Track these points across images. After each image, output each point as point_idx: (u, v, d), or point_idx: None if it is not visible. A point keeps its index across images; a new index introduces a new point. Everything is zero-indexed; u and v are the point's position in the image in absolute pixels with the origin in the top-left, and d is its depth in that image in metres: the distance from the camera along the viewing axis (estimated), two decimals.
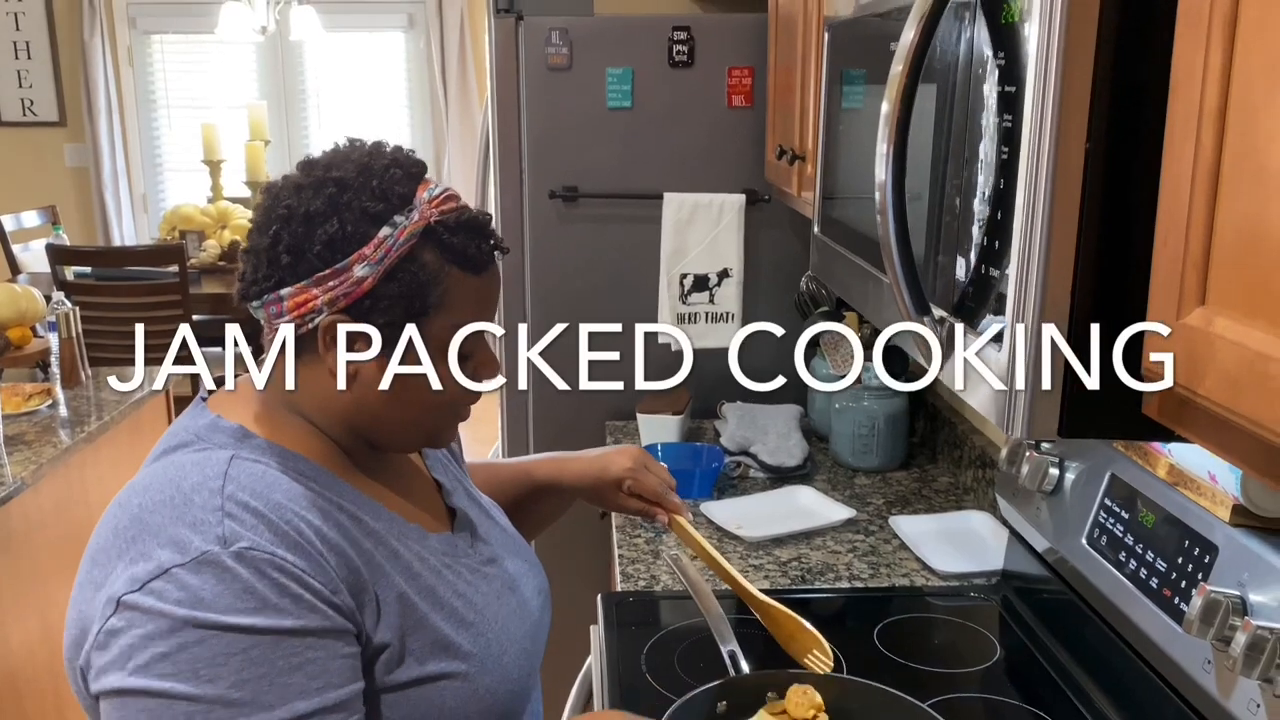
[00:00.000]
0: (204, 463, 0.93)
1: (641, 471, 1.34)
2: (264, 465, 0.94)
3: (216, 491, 0.90)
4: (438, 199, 0.97)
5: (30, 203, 5.51)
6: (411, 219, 0.95)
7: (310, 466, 0.98)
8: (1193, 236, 0.64)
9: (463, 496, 1.17)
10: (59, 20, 5.75)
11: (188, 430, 0.99)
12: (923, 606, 1.63)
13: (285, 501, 0.92)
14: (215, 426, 0.98)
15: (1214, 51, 0.62)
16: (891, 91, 0.89)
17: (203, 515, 0.88)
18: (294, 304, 0.95)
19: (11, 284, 3.04)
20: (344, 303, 0.94)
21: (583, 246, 2.44)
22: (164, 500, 0.90)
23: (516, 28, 2.35)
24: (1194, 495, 1.15)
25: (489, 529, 1.16)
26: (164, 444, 1.00)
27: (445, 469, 1.20)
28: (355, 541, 0.95)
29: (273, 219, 0.96)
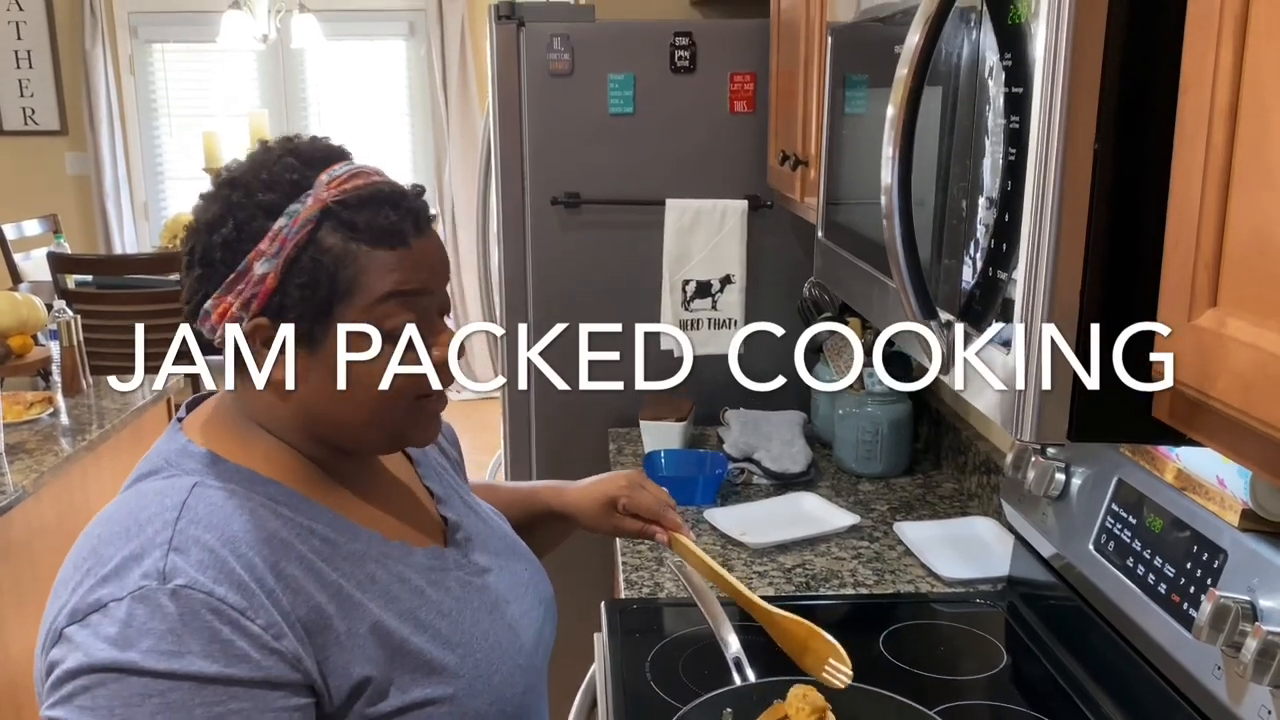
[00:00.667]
0: (166, 491, 0.91)
1: (636, 490, 1.31)
2: (227, 493, 0.91)
3: (169, 523, 0.87)
4: (339, 179, 0.93)
5: (32, 211, 5.51)
6: (306, 204, 0.91)
7: (281, 490, 0.95)
8: (1204, 238, 0.64)
9: (458, 505, 1.13)
10: (60, 29, 5.76)
11: (160, 455, 0.96)
12: (928, 613, 1.62)
13: (242, 534, 0.88)
14: (185, 452, 0.95)
15: (1225, 51, 0.61)
16: (897, 95, 0.88)
17: (149, 548, 0.85)
18: (218, 316, 0.92)
19: (13, 292, 3.04)
20: (257, 305, 0.91)
21: (585, 253, 2.43)
22: (120, 531, 0.88)
23: (518, 34, 2.35)
24: (1202, 500, 1.14)
25: (487, 537, 1.12)
26: (138, 469, 0.97)
27: (440, 477, 1.16)
28: (320, 575, 0.91)
29: (187, 237, 0.95)
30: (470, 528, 1.11)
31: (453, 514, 1.10)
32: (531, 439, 2.54)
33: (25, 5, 5.72)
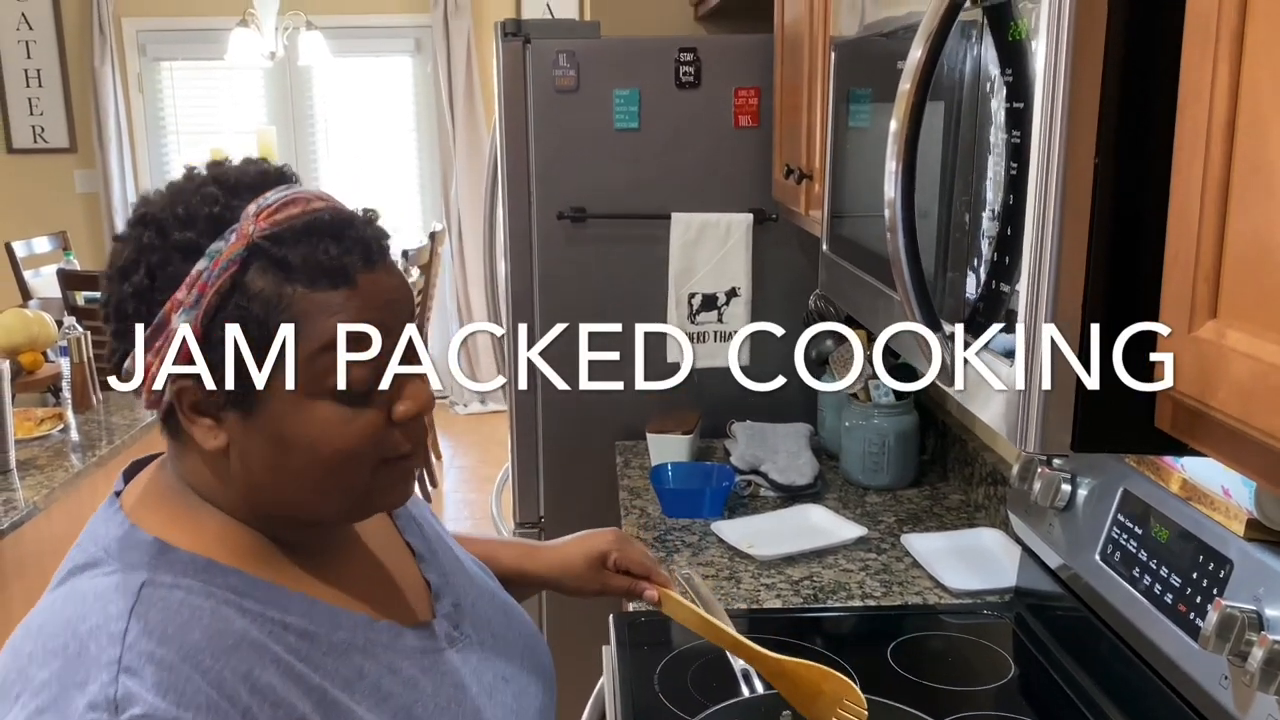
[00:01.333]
0: (108, 595, 0.76)
1: (626, 544, 1.23)
2: (183, 591, 0.77)
3: (117, 638, 0.73)
4: (269, 209, 0.78)
5: (41, 228, 5.56)
6: (229, 241, 0.76)
7: (245, 580, 0.81)
8: (1203, 250, 0.65)
9: (443, 563, 1.00)
10: (70, 48, 5.81)
11: (97, 543, 0.81)
12: (936, 624, 1.62)
13: (205, 643, 0.75)
14: (130, 540, 0.80)
15: (1222, 66, 0.62)
16: (900, 109, 0.89)
17: (95, 671, 0.71)
18: (144, 377, 0.79)
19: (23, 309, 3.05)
20: (182, 363, 0.77)
21: (591, 267, 2.44)
22: (56, 648, 0.73)
23: (524, 51, 2.37)
24: (1207, 510, 1.14)
25: (475, 600, 1.00)
26: (71, 560, 0.82)
27: (419, 528, 1.02)
28: (301, 679, 0.78)
29: (104, 285, 0.81)
30: (459, 591, 0.98)
31: (436, 575, 0.98)
32: (538, 452, 2.54)
33: (35, 24, 5.77)
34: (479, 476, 4.99)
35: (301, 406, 0.79)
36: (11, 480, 2.35)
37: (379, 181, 5.92)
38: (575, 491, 2.55)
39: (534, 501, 2.57)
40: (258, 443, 0.80)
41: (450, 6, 5.70)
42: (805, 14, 1.86)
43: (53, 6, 5.76)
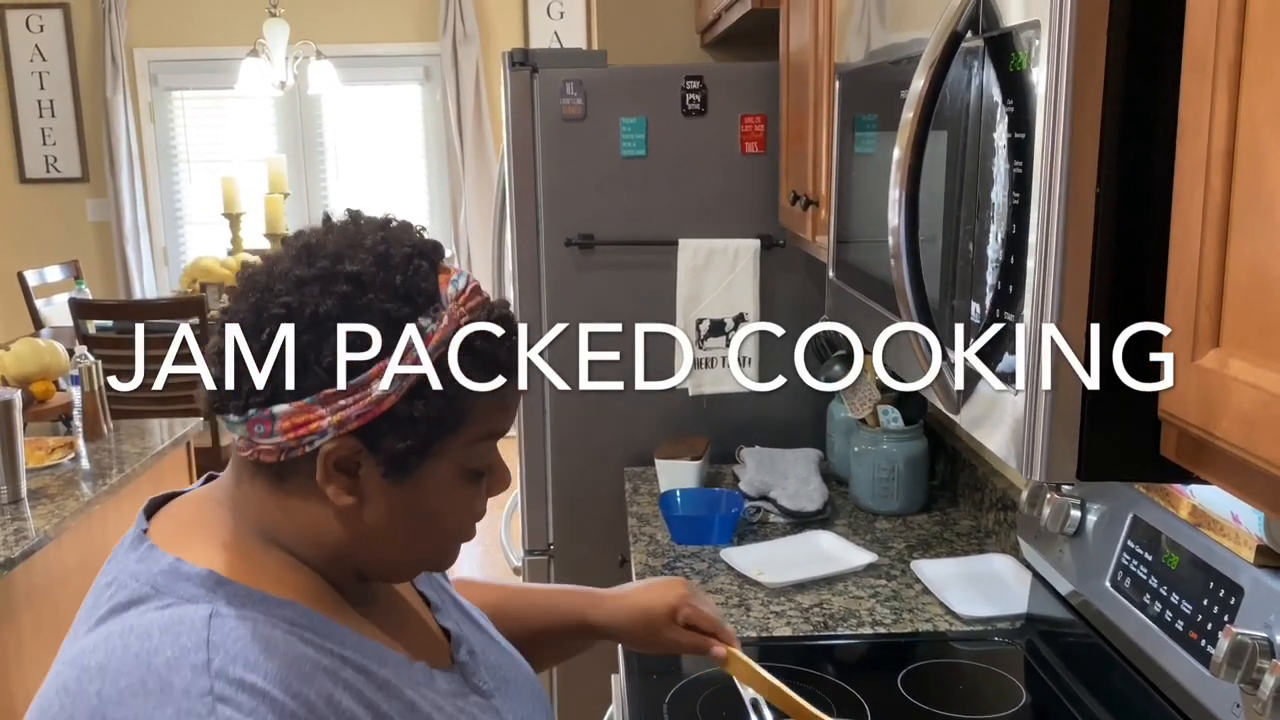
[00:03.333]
0: (176, 628, 0.74)
1: (697, 598, 1.17)
2: (251, 621, 0.77)
3: (202, 669, 0.72)
4: (464, 294, 0.83)
5: (53, 257, 5.60)
6: (440, 321, 0.80)
7: (302, 614, 0.81)
8: (1205, 279, 0.65)
9: (452, 610, 1.03)
10: (82, 79, 5.87)
11: (139, 579, 0.79)
12: (947, 651, 1.61)
13: (288, 667, 0.75)
14: (177, 573, 0.79)
15: (1220, 97, 0.63)
16: (903, 138, 0.90)
17: (188, 703, 0.70)
18: (290, 424, 0.78)
19: (35, 338, 3.07)
20: (355, 424, 0.78)
21: (599, 293, 2.45)
22: (133, 686, 0.71)
23: (532, 80, 2.38)
24: (1217, 536, 1.14)
25: (486, 648, 1.02)
26: (110, 598, 0.79)
27: (429, 580, 1.04)
28: (371, 705, 0.80)
29: (265, 318, 0.79)
30: (470, 640, 1.00)
31: (452, 624, 1.00)
32: (547, 479, 2.54)
33: (48, 56, 5.84)
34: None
35: (448, 481, 0.84)
36: (23, 509, 2.35)
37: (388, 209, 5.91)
38: (584, 518, 2.54)
39: (543, 528, 2.57)
40: (393, 508, 0.83)
41: (459, 35, 5.75)
42: (810, 42, 1.87)
43: (66, 38, 5.83)
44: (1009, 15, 0.82)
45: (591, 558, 2.54)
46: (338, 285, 0.79)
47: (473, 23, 5.75)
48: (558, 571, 2.57)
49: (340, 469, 0.81)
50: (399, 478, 0.81)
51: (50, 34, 5.82)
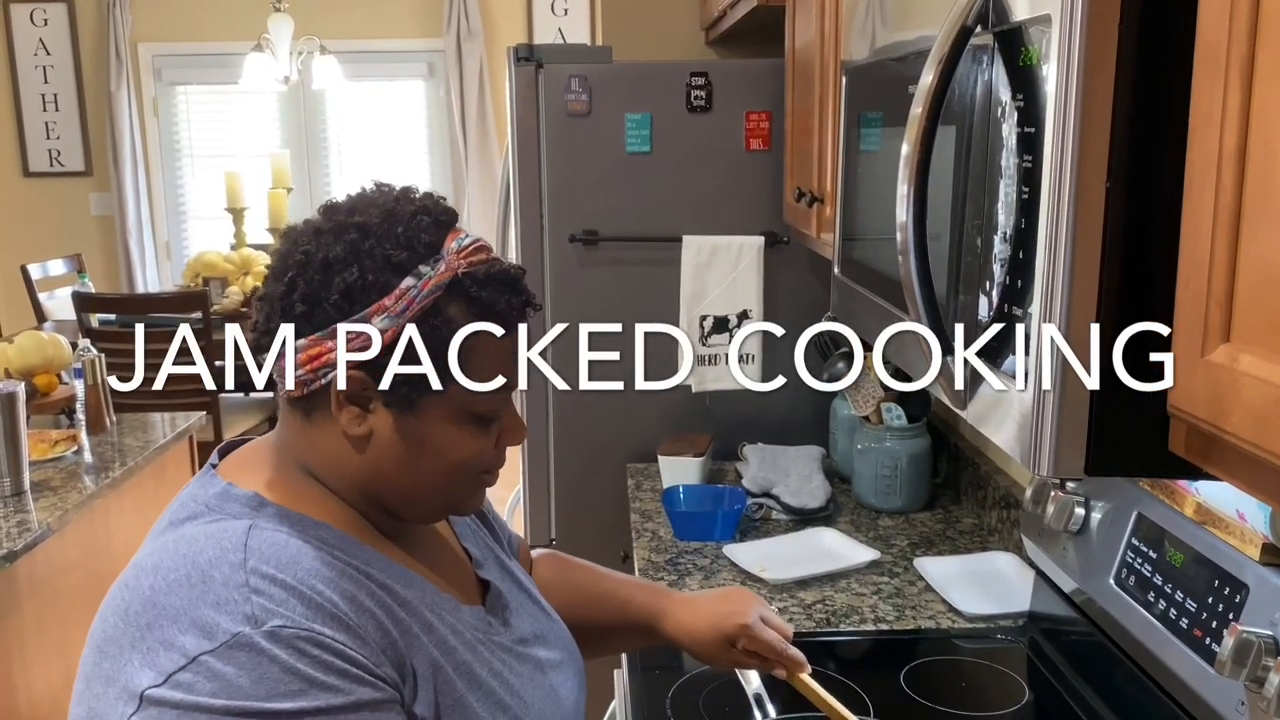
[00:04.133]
0: (219, 535, 0.86)
1: (759, 626, 1.19)
2: (285, 534, 0.87)
3: (239, 565, 0.82)
4: (467, 249, 0.91)
5: (56, 251, 5.60)
6: (438, 269, 0.89)
7: (333, 534, 0.91)
8: (1215, 275, 0.65)
9: (495, 568, 1.09)
10: (86, 73, 5.87)
11: (197, 501, 0.91)
12: (949, 649, 1.61)
13: (314, 571, 0.85)
14: (227, 495, 0.90)
15: (1232, 93, 0.63)
16: (911, 133, 0.90)
17: (226, 593, 0.80)
18: (307, 356, 0.88)
19: (38, 331, 3.08)
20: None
21: (603, 290, 2.45)
22: (180, 579, 0.82)
23: (537, 75, 2.38)
24: (1223, 534, 1.14)
25: (522, 605, 1.08)
26: (170, 516, 0.92)
27: (475, 537, 1.12)
28: (390, 610, 0.88)
29: (289, 264, 0.90)
30: (508, 594, 1.07)
31: (492, 578, 1.07)
32: (550, 475, 2.55)
33: (52, 49, 5.84)
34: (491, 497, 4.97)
35: (448, 420, 0.91)
36: (26, 501, 2.36)
37: None
38: (587, 514, 2.55)
39: (545, 523, 2.57)
40: (400, 439, 0.91)
41: (463, 31, 5.75)
42: (816, 39, 1.87)
43: (70, 31, 5.82)
44: (1019, 9, 0.82)
45: (594, 553, 2.51)
46: (348, 234, 0.89)
47: (477, 19, 5.75)
48: None
49: (351, 400, 0.89)
50: (403, 409, 0.90)
51: (54, 28, 5.82)
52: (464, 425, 0.92)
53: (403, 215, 0.91)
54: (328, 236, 0.90)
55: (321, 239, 0.90)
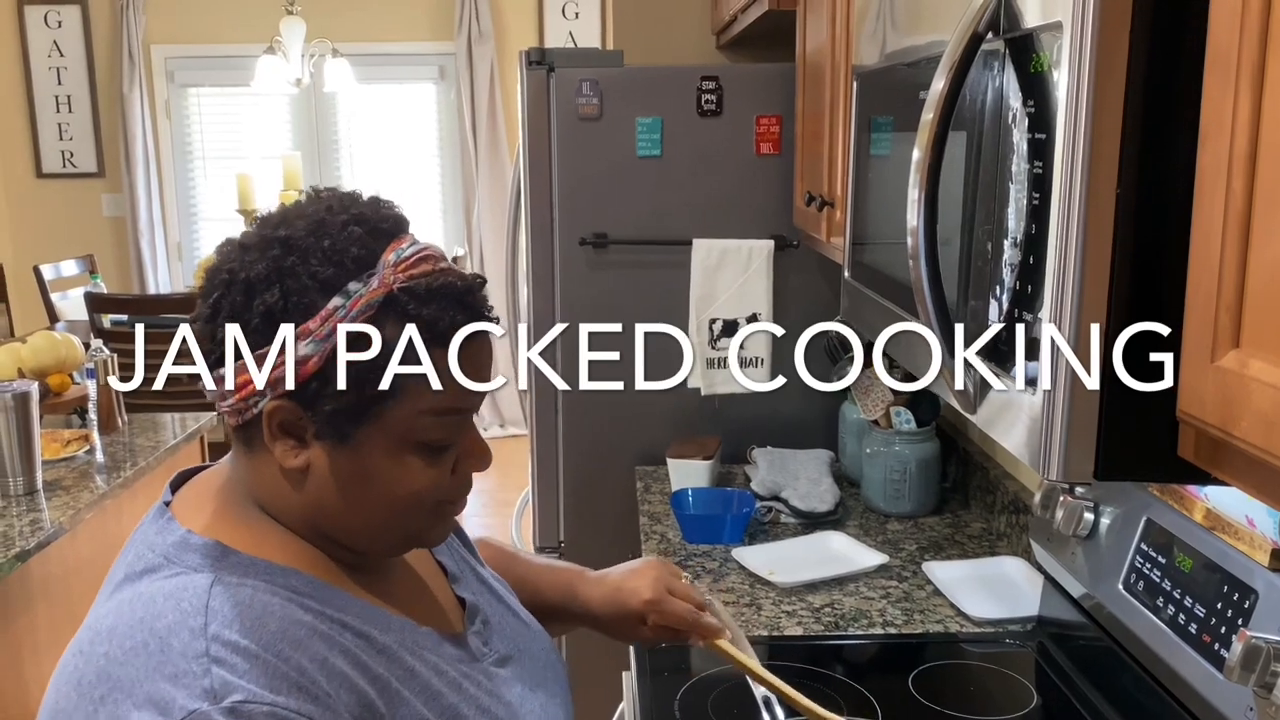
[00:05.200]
0: (179, 594, 0.78)
1: (665, 600, 1.14)
2: (251, 589, 0.80)
3: (199, 632, 0.76)
4: (407, 261, 0.82)
5: (69, 252, 5.63)
6: (369, 286, 0.81)
7: (303, 580, 0.84)
8: (1225, 280, 0.65)
9: (472, 582, 1.04)
10: (99, 74, 5.90)
11: (154, 550, 0.83)
12: (958, 653, 1.61)
13: (281, 633, 0.78)
14: (186, 544, 0.83)
15: (1243, 98, 0.63)
16: (922, 138, 0.90)
17: (185, 664, 0.74)
18: (235, 385, 0.82)
19: (51, 331, 3.09)
20: (287, 385, 0.80)
21: (613, 292, 2.46)
22: (136, 646, 0.75)
23: (548, 79, 2.39)
24: (1232, 540, 1.14)
25: (501, 618, 1.02)
26: (126, 567, 0.84)
27: (450, 550, 1.06)
28: (366, 668, 0.82)
29: (215, 284, 0.83)
30: (487, 610, 1.01)
31: (469, 594, 1.01)
32: (559, 477, 2.55)
33: (66, 51, 5.87)
34: (498, 501, 4.99)
35: (391, 451, 0.83)
36: (38, 501, 2.37)
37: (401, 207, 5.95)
38: (595, 516, 2.55)
39: (554, 526, 2.58)
40: (339, 472, 0.84)
41: (474, 34, 5.76)
42: (827, 43, 1.88)
43: (83, 33, 5.85)
44: (1030, 16, 0.83)
45: (603, 555, 2.53)
46: (271, 250, 0.81)
47: (488, 22, 5.77)
48: None
49: (285, 431, 0.83)
50: (338, 441, 0.83)
51: (68, 30, 5.85)
52: (410, 456, 0.84)
53: (332, 226, 0.83)
54: (252, 253, 0.82)
55: (246, 256, 0.82)
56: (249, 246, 0.83)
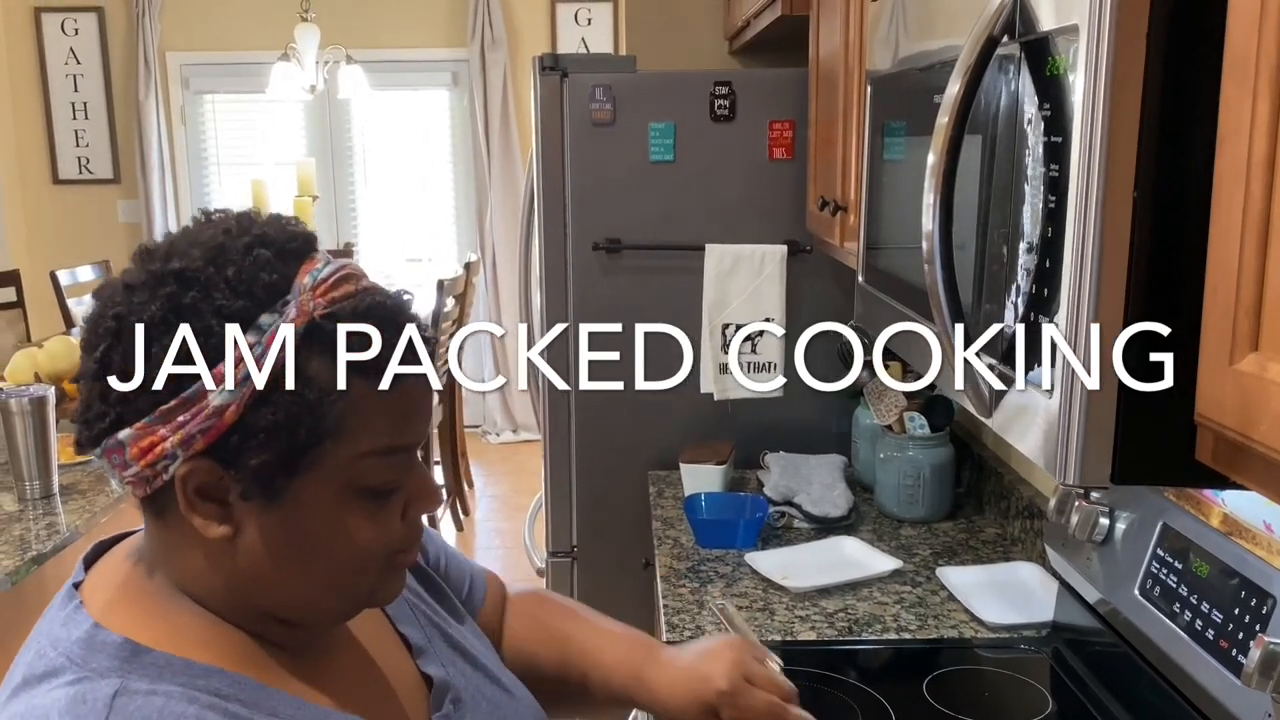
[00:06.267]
0: (74, 711, 0.67)
1: (743, 691, 0.98)
2: (162, 698, 0.69)
3: None
4: (325, 283, 0.72)
5: (85, 258, 5.66)
6: (286, 315, 0.70)
7: (227, 680, 0.73)
8: (1244, 284, 0.65)
9: (441, 650, 0.91)
10: (115, 82, 5.93)
11: (57, 648, 0.72)
12: (972, 659, 1.61)
13: None
14: (92, 643, 0.71)
15: (1261, 102, 0.63)
16: (937, 143, 0.90)
17: None
18: (138, 450, 0.70)
19: (67, 336, 3.11)
20: (202, 442, 0.69)
21: (625, 297, 2.46)
22: None
23: (561, 85, 2.40)
24: (1249, 545, 1.13)
25: (478, 691, 0.91)
26: (25, 668, 0.72)
27: (414, 614, 0.92)
28: None
29: (99, 333, 0.72)
30: (459, 683, 0.89)
31: (436, 669, 0.89)
32: (572, 482, 2.55)
33: (82, 59, 5.91)
34: (511, 505, 5.00)
35: (331, 502, 0.73)
36: (54, 505, 2.38)
37: (415, 212, 6.00)
38: (608, 521, 2.55)
39: (567, 531, 2.58)
40: (272, 537, 0.73)
41: (487, 40, 5.78)
42: (840, 48, 1.88)
43: (100, 41, 5.89)
44: (1046, 20, 0.83)
45: (615, 560, 2.55)
46: (165, 287, 0.71)
47: (501, 29, 5.78)
48: (581, 574, 2.58)
49: (204, 496, 0.72)
50: (268, 500, 0.72)
51: (85, 37, 5.89)
52: (353, 505, 0.74)
53: (234, 252, 0.72)
54: (142, 293, 0.71)
55: (135, 297, 0.71)
56: (136, 286, 0.72)
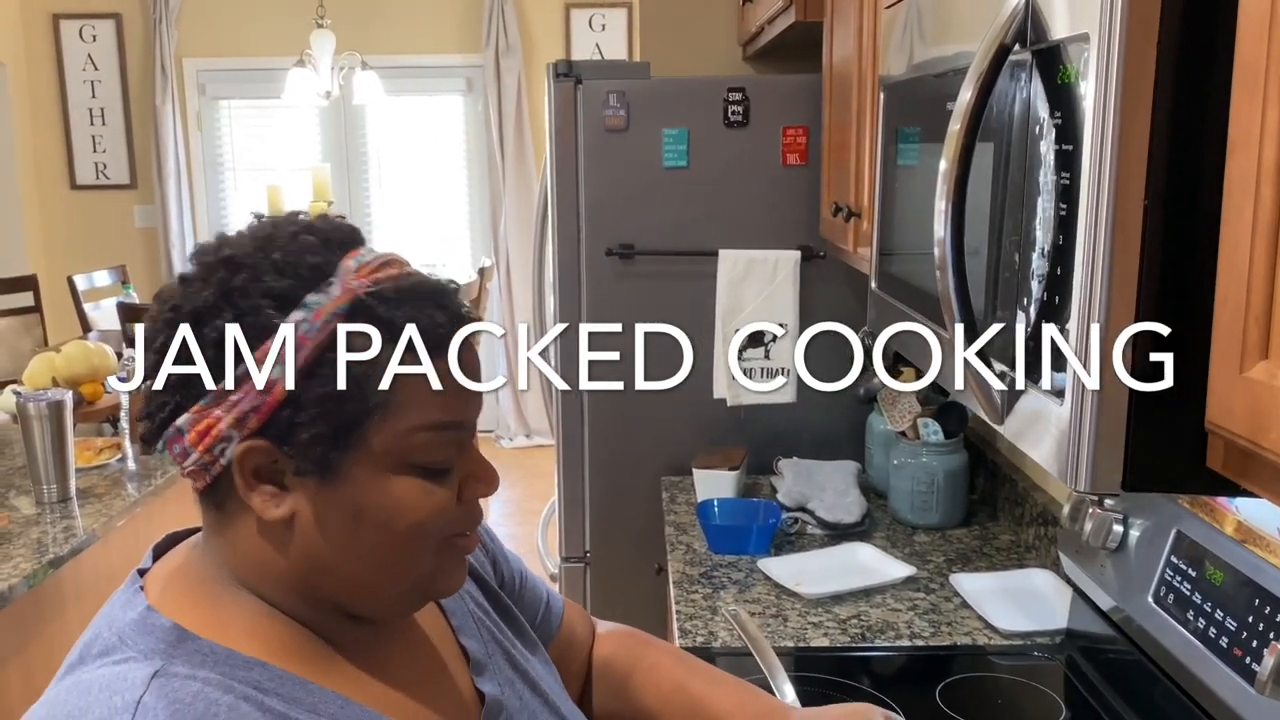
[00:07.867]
0: (115, 685, 0.68)
1: None
2: (199, 684, 0.69)
3: None
4: (369, 265, 0.74)
5: (102, 262, 5.70)
6: (331, 294, 0.72)
7: (270, 675, 0.73)
8: (1254, 291, 0.65)
9: (501, 668, 0.90)
10: (132, 87, 5.98)
11: (113, 628, 0.74)
12: (985, 666, 1.61)
13: None
14: (144, 625, 0.73)
15: (1271, 110, 0.63)
16: (950, 149, 0.91)
17: None
18: (196, 434, 0.72)
19: (84, 341, 3.13)
20: (256, 421, 0.71)
21: (639, 303, 2.47)
22: None
23: (575, 91, 2.41)
24: (1264, 553, 1.13)
25: (532, 716, 0.89)
26: (82, 647, 0.75)
27: (478, 627, 0.91)
28: None
29: (158, 327, 0.74)
30: (513, 706, 0.88)
31: (492, 687, 0.87)
32: (585, 487, 2.56)
33: (100, 65, 5.95)
34: (524, 510, 5.00)
35: (384, 477, 0.74)
36: (71, 508, 2.40)
37: (429, 217, 6.03)
38: (621, 526, 2.56)
39: (580, 536, 2.58)
40: (330, 513, 0.74)
41: (501, 47, 5.80)
42: (854, 55, 1.88)
43: (117, 47, 5.94)
44: (1058, 28, 0.83)
45: (628, 566, 2.55)
46: (215, 274, 0.73)
47: (515, 35, 5.80)
48: (594, 579, 2.58)
49: (261, 476, 0.73)
50: (322, 476, 0.73)
51: (102, 43, 5.94)
52: (408, 480, 0.74)
53: (281, 238, 0.74)
54: (195, 284, 0.74)
55: (188, 288, 0.74)
56: (190, 279, 0.74)
